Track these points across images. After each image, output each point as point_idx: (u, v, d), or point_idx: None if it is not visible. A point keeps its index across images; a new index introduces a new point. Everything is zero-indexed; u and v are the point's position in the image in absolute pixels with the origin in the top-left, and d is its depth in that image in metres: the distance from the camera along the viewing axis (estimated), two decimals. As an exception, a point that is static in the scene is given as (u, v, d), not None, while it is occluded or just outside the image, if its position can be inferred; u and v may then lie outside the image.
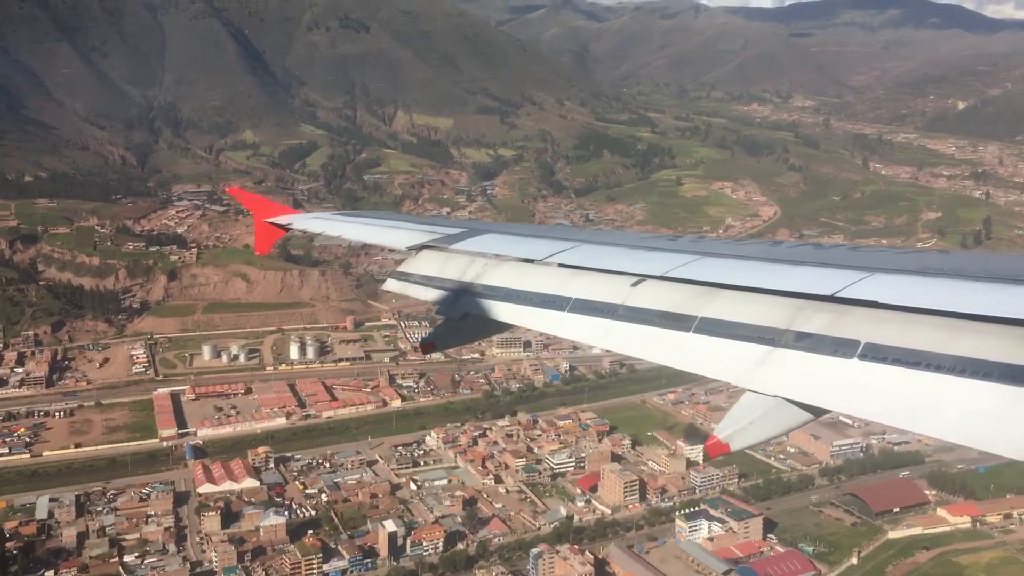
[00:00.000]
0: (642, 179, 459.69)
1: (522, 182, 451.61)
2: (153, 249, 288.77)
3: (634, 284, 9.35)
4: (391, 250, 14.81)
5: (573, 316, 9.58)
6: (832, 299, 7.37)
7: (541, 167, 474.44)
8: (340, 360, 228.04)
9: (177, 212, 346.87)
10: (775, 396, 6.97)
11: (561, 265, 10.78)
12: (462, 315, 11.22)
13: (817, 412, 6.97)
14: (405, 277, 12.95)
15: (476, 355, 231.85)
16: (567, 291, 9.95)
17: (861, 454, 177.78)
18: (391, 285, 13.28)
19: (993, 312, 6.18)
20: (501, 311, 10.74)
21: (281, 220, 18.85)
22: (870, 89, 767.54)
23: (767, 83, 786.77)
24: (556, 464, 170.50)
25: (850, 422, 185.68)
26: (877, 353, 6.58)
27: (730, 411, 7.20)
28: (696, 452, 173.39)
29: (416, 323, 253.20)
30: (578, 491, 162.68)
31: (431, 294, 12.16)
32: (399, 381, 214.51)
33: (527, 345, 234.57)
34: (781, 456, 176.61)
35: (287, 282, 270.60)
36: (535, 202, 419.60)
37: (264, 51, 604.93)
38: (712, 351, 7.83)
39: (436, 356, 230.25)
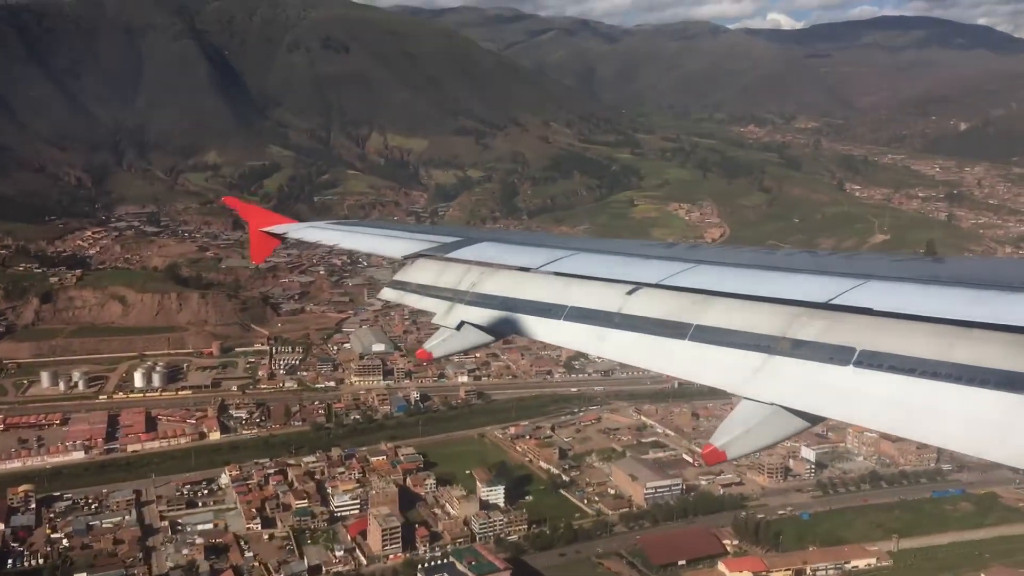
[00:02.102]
0: (600, 200, 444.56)
1: (478, 204, 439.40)
2: (39, 270, 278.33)
3: (629, 292, 9.02)
4: (387, 258, 14.21)
5: (569, 324, 9.29)
6: (827, 306, 7.20)
7: (505, 188, 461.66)
8: (182, 388, 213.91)
9: (92, 233, 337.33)
10: (771, 404, 6.89)
11: (557, 274, 10.30)
12: (458, 324, 10.70)
13: (813, 420, 6.89)
14: (401, 286, 12.43)
15: (331, 383, 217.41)
16: (563, 299, 9.65)
17: (679, 496, 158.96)
18: (387, 294, 12.76)
19: (990, 319, 6.08)
20: (497, 320, 10.36)
21: (277, 229, 17.98)
22: (876, 110, 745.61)
23: (773, 104, 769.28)
24: (338, 507, 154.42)
25: (691, 460, 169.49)
26: (873, 360, 6.51)
27: (727, 419, 7.06)
28: (495, 494, 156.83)
29: (290, 348, 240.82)
30: (349, 538, 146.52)
31: (427, 303, 11.70)
32: (232, 412, 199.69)
33: (388, 374, 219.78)
34: (595, 498, 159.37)
35: (164, 305, 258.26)
36: (483, 224, 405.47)
37: (243, 72, 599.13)
38: (707, 359, 7.67)
39: (289, 384, 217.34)
